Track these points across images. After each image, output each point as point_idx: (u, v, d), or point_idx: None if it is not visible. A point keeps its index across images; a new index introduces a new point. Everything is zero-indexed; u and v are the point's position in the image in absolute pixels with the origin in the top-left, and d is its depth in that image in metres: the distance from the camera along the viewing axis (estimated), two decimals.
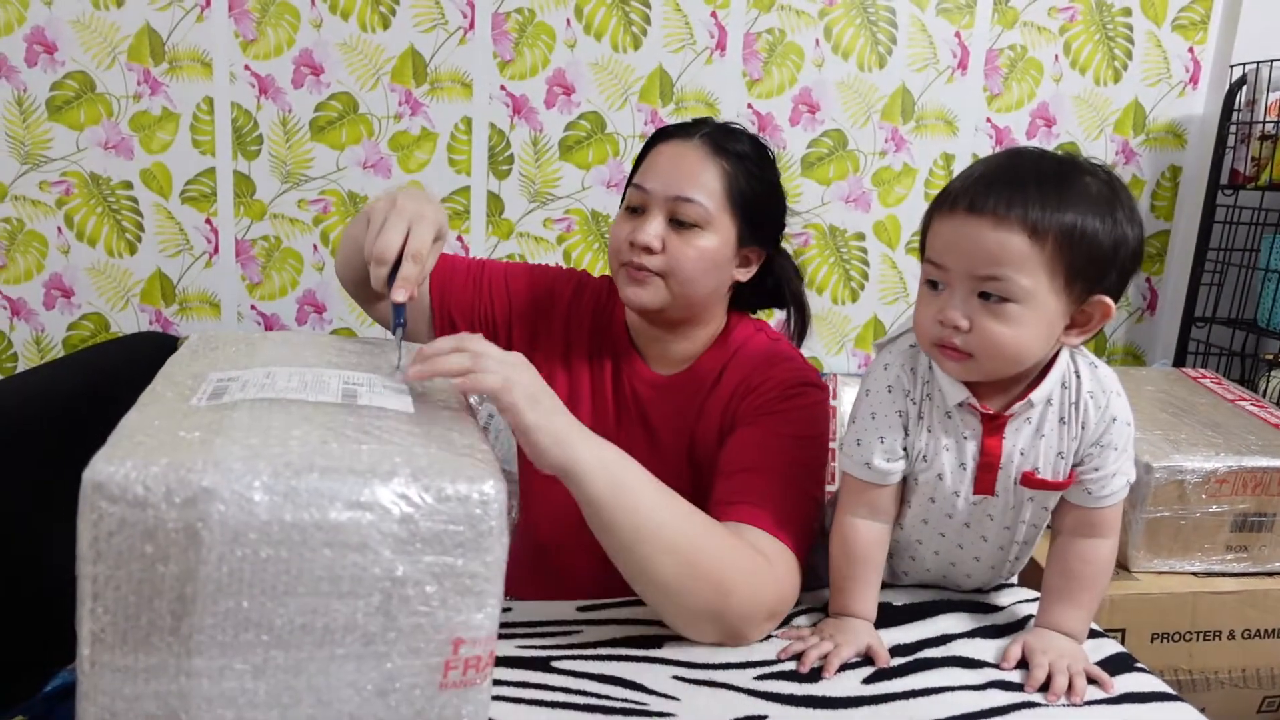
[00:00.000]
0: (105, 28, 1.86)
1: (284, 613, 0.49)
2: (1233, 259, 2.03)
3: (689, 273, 1.04)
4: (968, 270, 0.80)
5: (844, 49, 2.00)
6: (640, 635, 0.91)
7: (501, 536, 0.52)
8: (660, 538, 0.83)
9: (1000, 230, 0.78)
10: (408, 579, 0.50)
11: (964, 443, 0.90)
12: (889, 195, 2.07)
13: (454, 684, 0.54)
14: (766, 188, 1.09)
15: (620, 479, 0.82)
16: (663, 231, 1.04)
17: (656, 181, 1.05)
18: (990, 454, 0.89)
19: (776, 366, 1.07)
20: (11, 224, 1.91)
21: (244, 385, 0.59)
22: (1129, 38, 2.04)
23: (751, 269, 1.12)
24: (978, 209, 0.79)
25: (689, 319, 1.10)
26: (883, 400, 0.91)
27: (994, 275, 0.79)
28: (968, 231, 0.80)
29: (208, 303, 1.99)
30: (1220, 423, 1.55)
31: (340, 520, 0.48)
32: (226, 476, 0.48)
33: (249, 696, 0.49)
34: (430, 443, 0.55)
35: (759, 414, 1.04)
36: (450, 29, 1.92)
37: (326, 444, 0.52)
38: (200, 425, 0.52)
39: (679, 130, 1.09)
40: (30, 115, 1.87)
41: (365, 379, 0.66)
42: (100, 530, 0.47)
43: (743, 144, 1.08)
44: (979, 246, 0.79)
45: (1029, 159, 0.83)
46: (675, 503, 0.87)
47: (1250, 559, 1.46)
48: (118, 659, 0.48)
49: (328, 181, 1.96)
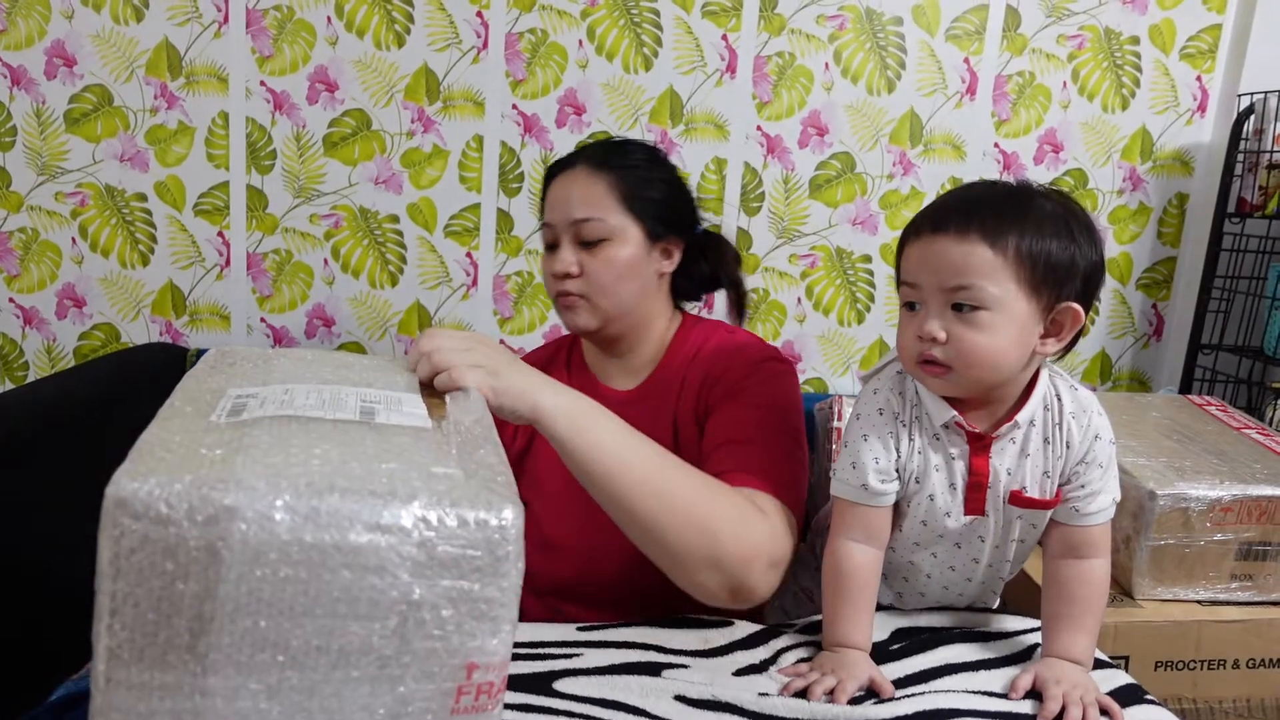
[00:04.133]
0: (124, 42, 1.88)
1: (300, 633, 0.49)
2: (1239, 287, 2.03)
3: (608, 284, 1.11)
4: (938, 285, 0.85)
5: (853, 73, 2.02)
6: (641, 661, 0.90)
7: (518, 562, 0.53)
8: (634, 477, 0.86)
9: (964, 243, 0.84)
10: (424, 602, 0.50)
11: (953, 463, 0.92)
12: (896, 218, 2.08)
13: (466, 709, 0.54)
14: (661, 184, 1.16)
15: (580, 421, 0.85)
16: (576, 256, 1.11)
17: (555, 213, 1.13)
18: (979, 473, 0.91)
19: (736, 352, 1.13)
20: (27, 234, 1.93)
21: (263, 402, 0.60)
22: (1137, 66, 2.05)
23: (675, 259, 1.18)
24: (941, 228, 0.85)
25: (632, 327, 1.16)
26: (875, 423, 0.93)
27: (963, 285, 0.84)
28: (934, 249, 0.86)
29: (218, 315, 2.01)
30: (1226, 450, 1.55)
31: (360, 542, 0.49)
32: (249, 496, 0.48)
33: (262, 716, 0.49)
34: (449, 464, 0.55)
35: (727, 396, 1.08)
36: (464, 48, 1.94)
37: (347, 464, 0.52)
38: (221, 443, 0.53)
39: (564, 162, 1.17)
40: (48, 127, 1.90)
41: (382, 396, 0.66)
42: (121, 547, 0.47)
43: (627, 154, 1.16)
44: (945, 261, 0.85)
45: (984, 185, 0.91)
46: (649, 447, 0.89)
47: (1255, 588, 1.45)
48: (133, 676, 0.48)
49: (339, 197, 1.98)
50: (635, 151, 1.17)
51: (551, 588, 1.13)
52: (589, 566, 1.11)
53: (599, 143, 1.19)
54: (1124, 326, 2.18)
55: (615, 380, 1.19)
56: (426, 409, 0.67)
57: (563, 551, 1.13)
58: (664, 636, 0.94)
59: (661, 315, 1.19)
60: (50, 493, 1.32)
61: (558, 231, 1.13)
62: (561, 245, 1.13)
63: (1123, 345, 2.19)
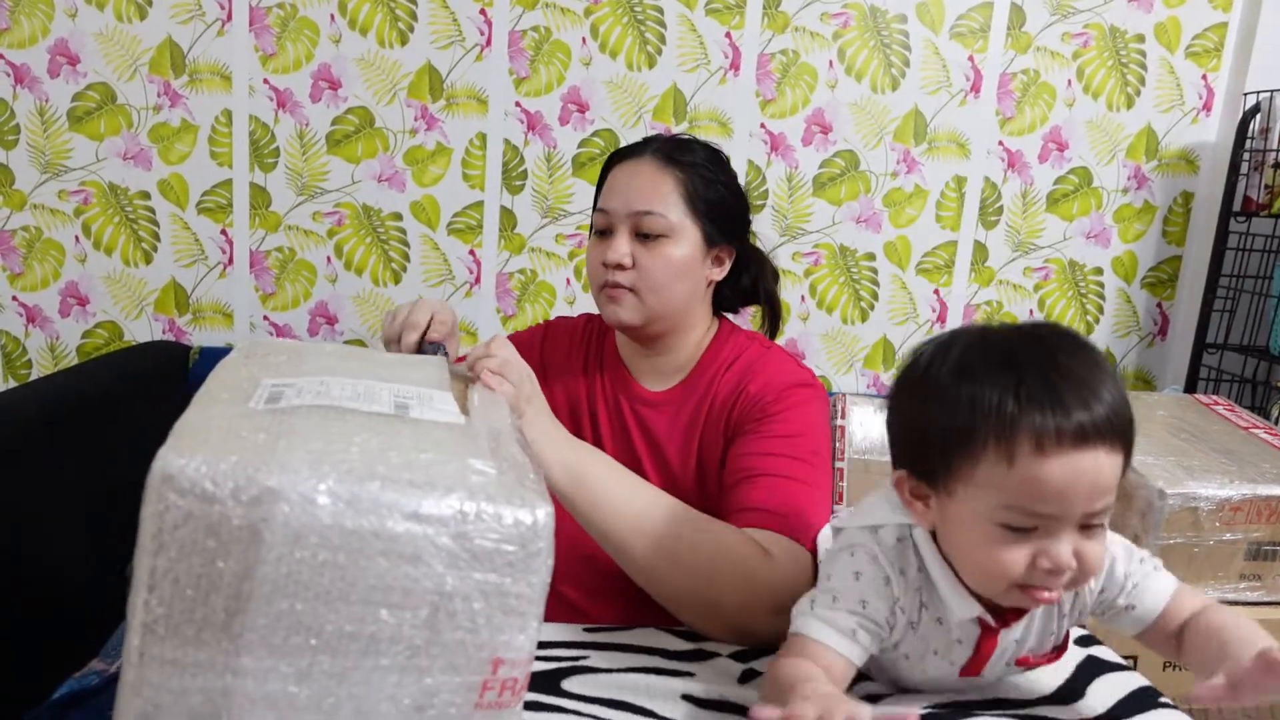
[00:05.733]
0: (127, 40, 1.87)
1: (334, 619, 0.49)
2: (1244, 286, 2.03)
3: (661, 282, 1.08)
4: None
5: (857, 71, 2.01)
6: (647, 666, 0.89)
7: (548, 559, 0.53)
8: (629, 526, 0.88)
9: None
10: (456, 594, 0.50)
11: (955, 646, 0.79)
12: (900, 216, 2.08)
13: (489, 705, 0.54)
14: (724, 189, 1.13)
15: (581, 475, 0.88)
16: (630, 248, 1.09)
17: (617, 201, 1.10)
18: (984, 654, 0.79)
19: (768, 372, 1.10)
20: (30, 232, 1.92)
21: (300, 391, 0.60)
22: (1142, 64, 2.06)
23: (725, 267, 1.16)
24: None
25: (673, 328, 1.14)
26: (875, 586, 0.77)
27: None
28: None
29: (221, 313, 2.00)
30: (1234, 450, 1.54)
31: (398, 531, 0.48)
32: (293, 478, 0.48)
33: (290, 700, 0.49)
34: (484, 459, 0.55)
35: (755, 420, 1.07)
36: (467, 46, 1.94)
37: (387, 453, 0.52)
38: (262, 427, 0.53)
39: (630, 150, 1.14)
40: (51, 125, 1.89)
41: (414, 392, 0.66)
42: (165, 522, 0.47)
43: (694, 152, 1.13)
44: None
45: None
46: (650, 494, 0.91)
47: (1264, 588, 1.45)
48: (167, 651, 0.48)
49: (343, 194, 1.97)
50: (701, 151, 1.14)
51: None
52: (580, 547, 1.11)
53: (667, 137, 1.16)
54: (1129, 325, 2.18)
55: (647, 380, 1.16)
56: (457, 407, 0.66)
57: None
58: (669, 642, 0.93)
59: (702, 323, 1.17)
60: (53, 491, 1.31)
61: (614, 220, 1.10)
62: (617, 234, 1.09)
63: (1127, 344, 2.19)
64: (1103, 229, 2.13)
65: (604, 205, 1.12)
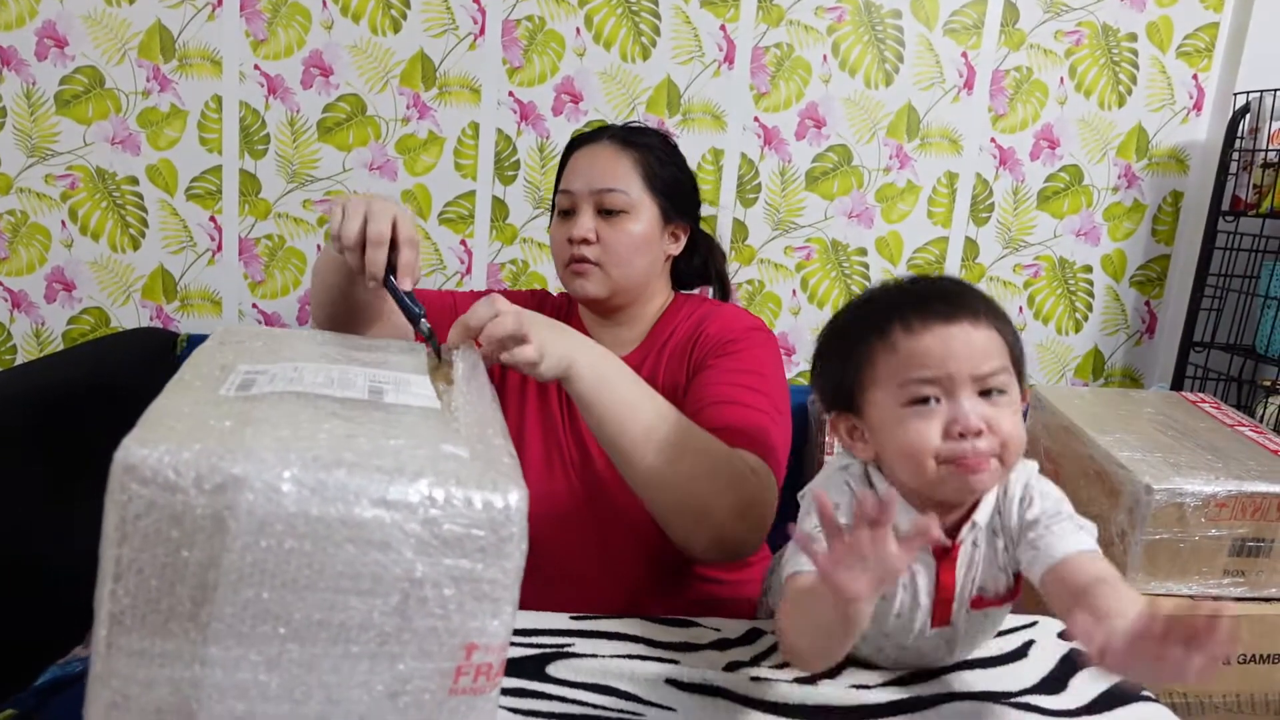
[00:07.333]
0: (116, 23, 1.86)
1: (302, 606, 0.48)
2: (1232, 285, 2.04)
3: (624, 255, 1.17)
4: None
5: (851, 65, 2.01)
6: (632, 654, 0.89)
7: (521, 544, 0.52)
8: (642, 432, 0.93)
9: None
10: (426, 580, 0.50)
11: (917, 578, 0.84)
12: (892, 211, 2.08)
13: (464, 690, 0.54)
14: (676, 169, 1.23)
15: (608, 379, 0.93)
16: (594, 224, 1.16)
17: (579, 181, 1.18)
18: (946, 588, 0.84)
19: (725, 317, 1.21)
20: (15, 216, 1.91)
21: (272, 378, 0.59)
22: (1134, 63, 2.06)
23: (680, 243, 1.25)
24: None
25: (635, 300, 1.22)
26: (848, 509, 0.83)
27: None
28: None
29: (209, 300, 1.99)
30: (1220, 447, 1.55)
31: (365, 517, 0.48)
32: (257, 466, 0.48)
33: (261, 689, 0.49)
34: (457, 444, 0.55)
35: (715, 355, 1.14)
36: (460, 34, 1.93)
37: (354, 439, 0.51)
38: (230, 415, 0.52)
39: (588, 137, 1.24)
40: (38, 108, 1.87)
41: (391, 377, 0.66)
42: (128, 512, 0.47)
43: (648, 135, 1.23)
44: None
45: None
46: (660, 403, 0.97)
47: (1248, 584, 1.46)
48: (134, 642, 0.48)
49: (333, 182, 1.96)
50: (654, 135, 1.24)
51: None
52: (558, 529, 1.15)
53: (621, 125, 1.25)
54: (1117, 323, 2.19)
55: (613, 349, 1.21)
56: (434, 391, 0.66)
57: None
58: (654, 631, 0.94)
59: (661, 294, 1.26)
60: (36, 477, 1.30)
61: (578, 199, 1.18)
62: (580, 212, 1.17)
63: (1115, 342, 2.20)
64: (1092, 227, 2.13)
65: (566, 186, 1.20)
